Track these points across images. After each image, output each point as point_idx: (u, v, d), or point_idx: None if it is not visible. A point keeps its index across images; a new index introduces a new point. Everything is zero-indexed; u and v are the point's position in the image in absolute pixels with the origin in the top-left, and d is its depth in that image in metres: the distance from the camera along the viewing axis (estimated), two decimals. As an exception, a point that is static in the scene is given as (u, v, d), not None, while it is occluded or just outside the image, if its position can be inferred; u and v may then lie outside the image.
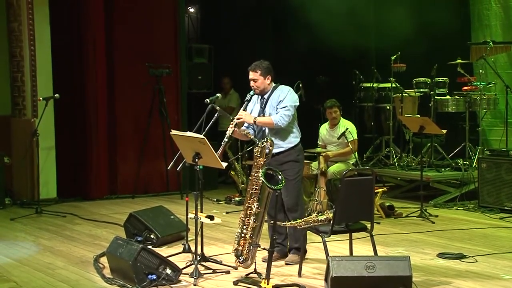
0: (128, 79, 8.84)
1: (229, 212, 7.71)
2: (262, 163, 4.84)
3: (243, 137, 5.33)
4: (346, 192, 4.74)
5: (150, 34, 8.98)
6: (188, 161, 5.16)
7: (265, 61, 5.33)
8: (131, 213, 6.17)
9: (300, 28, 9.53)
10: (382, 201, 7.54)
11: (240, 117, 5.21)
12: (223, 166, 4.95)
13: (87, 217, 7.45)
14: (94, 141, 8.67)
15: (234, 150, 8.84)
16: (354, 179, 5.03)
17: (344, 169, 6.94)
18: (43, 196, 8.17)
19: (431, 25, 8.66)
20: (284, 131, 5.28)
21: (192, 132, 5.16)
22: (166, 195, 8.95)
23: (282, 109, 5.24)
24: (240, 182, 8.51)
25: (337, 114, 7.55)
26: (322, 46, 9.22)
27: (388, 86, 8.84)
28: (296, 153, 5.32)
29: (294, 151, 5.32)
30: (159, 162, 8.91)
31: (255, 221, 4.77)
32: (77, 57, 8.68)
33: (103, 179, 8.76)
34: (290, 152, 5.28)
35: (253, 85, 5.32)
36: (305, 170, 7.24)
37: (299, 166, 5.35)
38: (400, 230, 6.70)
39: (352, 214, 4.82)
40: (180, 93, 9.30)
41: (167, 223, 6.20)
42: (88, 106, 8.68)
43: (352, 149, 7.37)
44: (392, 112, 8.76)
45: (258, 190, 4.79)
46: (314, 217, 4.80)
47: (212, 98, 5.43)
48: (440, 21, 8.61)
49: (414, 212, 7.36)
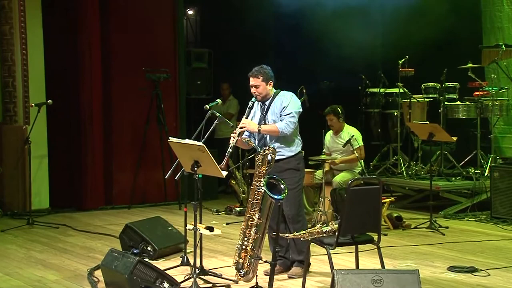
0: (125, 84, 8.86)
1: (230, 223, 7.70)
2: (264, 172, 4.84)
3: (244, 145, 5.34)
4: (352, 202, 4.73)
5: (148, 37, 9.01)
6: (186, 169, 5.16)
7: (266, 67, 5.34)
8: (127, 224, 6.16)
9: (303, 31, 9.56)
10: (390, 211, 7.53)
11: (243, 126, 5.21)
12: (223, 175, 4.95)
13: (81, 229, 7.44)
14: (89, 148, 8.68)
15: (235, 158, 8.84)
16: (360, 189, 5.02)
17: (349, 178, 6.93)
18: (35, 207, 8.17)
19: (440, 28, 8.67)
20: (286, 139, 5.29)
21: (191, 139, 5.16)
22: (164, 206, 8.94)
23: (287, 116, 5.25)
24: (241, 192, 8.50)
25: (333, 121, 7.55)
26: (326, 50, 9.23)
27: (395, 91, 8.84)
28: (296, 161, 5.33)
29: (295, 159, 5.32)
30: (156, 171, 8.92)
31: (257, 233, 4.77)
32: (71, 61, 8.70)
33: (98, 189, 8.76)
34: (290, 160, 5.29)
35: (254, 92, 5.32)
36: (309, 179, 7.28)
37: (300, 175, 5.35)
38: (409, 242, 6.69)
39: (358, 225, 4.81)
40: (178, 99, 9.32)
41: (165, 234, 6.19)
42: (83, 112, 8.69)
43: (358, 156, 7.37)
44: (400, 118, 8.76)
45: (260, 200, 4.78)
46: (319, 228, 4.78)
47: (212, 104, 5.43)
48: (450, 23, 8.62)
49: (423, 223, 7.34)
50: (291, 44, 9.98)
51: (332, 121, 7.58)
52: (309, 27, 9.32)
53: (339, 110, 7.55)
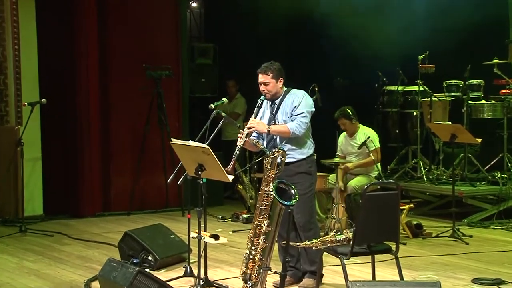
0: (124, 82, 8.89)
1: (236, 231, 7.72)
2: (273, 176, 4.85)
3: (252, 147, 5.34)
4: (367, 209, 4.73)
5: (148, 32, 9.04)
6: (190, 173, 5.17)
7: (275, 62, 5.35)
8: (127, 232, 6.18)
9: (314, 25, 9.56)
10: (409, 219, 7.52)
11: (251, 126, 5.22)
12: (230, 179, 4.96)
13: (77, 237, 7.47)
14: (86, 151, 8.71)
15: (242, 161, 8.85)
16: (377, 194, 5.02)
17: (365, 183, 6.93)
18: (28, 213, 8.21)
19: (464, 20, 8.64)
20: (297, 140, 5.29)
21: (195, 141, 5.17)
22: (165, 212, 8.97)
23: (298, 116, 5.26)
24: (248, 197, 8.51)
25: (346, 125, 7.56)
26: (340, 45, 9.23)
27: (415, 90, 8.82)
28: (308, 164, 5.34)
29: (306, 162, 5.33)
30: (157, 175, 8.94)
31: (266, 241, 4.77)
32: (67, 57, 8.74)
33: (95, 194, 8.79)
34: (301, 163, 5.30)
35: (263, 90, 5.33)
36: (321, 184, 7.28)
37: (312, 179, 5.36)
38: (430, 252, 6.68)
39: (374, 234, 4.81)
40: (181, 98, 9.34)
41: (167, 243, 6.21)
42: (79, 112, 8.73)
43: (375, 159, 7.36)
44: (420, 118, 8.75)
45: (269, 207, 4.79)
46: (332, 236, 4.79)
47: (217, 103, 5.45)
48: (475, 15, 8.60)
49: (445, 232, 7.33)
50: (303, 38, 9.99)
51: (345, 125, 7.58)
52: (321, 21, 9.32)
53: (350, 112, 7.52)
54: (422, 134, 8.83)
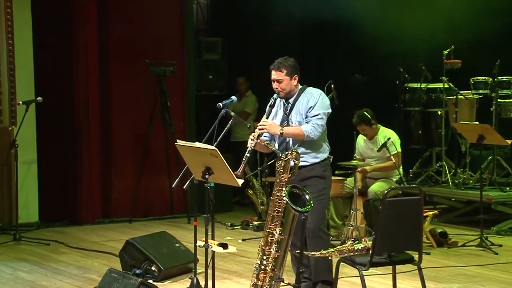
0: (125, 79, 8.92)
1: (246, 239, 7.73)
2: (286, 180, 4.85)
3: (263, 149, 5.35)
4: (388, 216, 4.72)
5: (151, 25, 9.07)
6: (196, 177, 5.18)
7: (290, 58, 5.35)
8: (128, 240, 6.20)
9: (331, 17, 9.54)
10: (433, 226, 7.50)
11: (263, 127, 5.23)
12: (239, 184, 4.97)
13: (75, 245, 7.50)
14: (84, 153, 8.74)
15: (252, 164, 8.86)
16: (398, 200, 5.01)
17: (386, 188, 6.92)
18: (23, 220, 8.24)
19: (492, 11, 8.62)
20: (311, 143, 5.29)
21: (202, 142, 5.19)
22: (170, 219, 8.99)
23: (314, 118, 5.26)
24: (259, 203, 8.52)
25: (366, 131, 7.56)
26: (359, 38, 9.22)
27: (439, 87, 8.81)
28: (322, 168, 5.34)
29: (320, 166, 5.33)
30: (161, 179, 8.96)
31: (278, 251, 4.78)
32: (65, 52, 8.77)
33: (94, 200, 8.82)
34: (314, 166, 5.29)
35: (276, 87, 5.33)
36: (338, 188, 7.28)
37: (325, 184, 5.34)
38: (455, 263, 6.67)
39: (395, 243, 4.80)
40: (187, 96, 9.36)
41: (172, 252, 6.22)
42: (78, 112, 8.76)
43: (396, 163, 7.36)
44: (445, 118, 8.73)
45: (281, 213, 4.79)
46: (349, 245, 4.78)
47: (226, 102, 5.46)
48: (504, 5, 8.57)
49: (473, 241, 7.31)
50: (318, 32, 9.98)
51: (364, 131, 7.59)
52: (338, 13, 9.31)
53: (369, 116, 7.51)
54: (447, 135, 8.81)
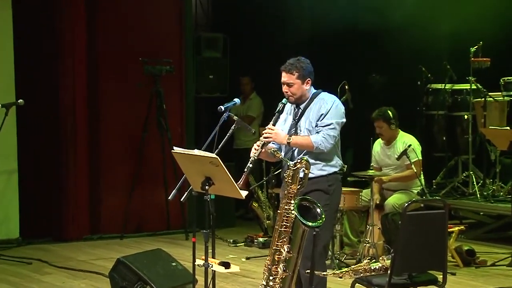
0: (117, 80, 8.94)
1: (250, 257, 7.74)
2: (295, 192, 4.85)
3: (269, 157, 5.35)
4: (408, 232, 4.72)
5: (146, 20, 9.08)
6: (195, 188, 5.19)
7: (303, 59, 5.29)
8: (119, 258, 6.20)
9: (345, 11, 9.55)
10: (459, 244, 7.49)
11: (269, 136, 5.22)
12: (243, 196, 4.97)
13: (61, 265, 7.50)
14: (71, 162, 8.75)
15: (257, 174, 8.86)
16: (420, 214, 5.01)
17: (406, 201, 6.92)
18: (2, 236, 8.27)
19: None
20: (320, 154, 5.22)
21: (201, 150, 5.20)
22: (166, 235, 8.99)
23: (325, 128, 5.22)
24: (265, 217, 8.52)
25: (383, 129, 7.53)
26: (375, 34, 9.22)
27: (466, 88, 8.82)
28: (328, 182, 5.26)
29: (326, 179, 5.26)
30: (157, 190, 8.98)
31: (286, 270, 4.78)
32: (49, 51, 8.79)
33: (81, 214, 8.82)
34: (320, 180, 5.21)
35: (286, 91, 5.28)
36: (353, 201, 7.28)
37: (328, 200, 5.24)
38: (484, 284, 6.66)
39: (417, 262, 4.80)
40: (184, 98, 9.38)
41: (168, 272, 6.23)
42: (63, 116, 8.77)
43: (416, 172, 7.35)
44: (472, 123, 8.73)
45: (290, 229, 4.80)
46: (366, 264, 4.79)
47: (228, 105, 5.46)
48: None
49: (503, 260, 7.30)
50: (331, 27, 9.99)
51: (381, 129, 7.56)
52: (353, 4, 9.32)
53: (391, 115, 7.50)
54: (474, 141, 8.80)
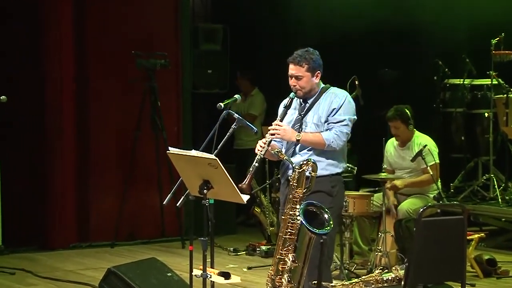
0: (107, 75, 8.94)
1: (252, 267, 7.74)
2: (301, 196, 4.86)
3: (272, 157, 5.35)
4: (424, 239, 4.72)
5: (139, 10, 9.08)
6: (192, 192, 5.19)
7: (312, 51, 5.31)
8: (110, 268, 6.20)
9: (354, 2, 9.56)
10: (479, 252, 7.49)
11: (276, 132, 5.22)
12: (244, 200, 4.97)
13: (46, 275, 7.49)
14: (57, 165, 8.75)
15: (259, 176, 8.85)
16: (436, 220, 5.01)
17: (420, 205, 6.92)
18: (-17, 245, 8.28)
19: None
20: (324, 151, 5.25)
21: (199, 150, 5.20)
22: (160, 243, 9.00)
23: (338, 124, 5.24)
24: (268, 224, 8.52)
25: (400, 130, 7.50)
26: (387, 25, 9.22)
27: (486, 84, 8.82)
28: (331, 183, 5.29)
29: (329, 180, 5.28)
30: (151, 194, 8.98)
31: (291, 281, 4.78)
32: (32, 43, 8.78)
33: (69, 221, 8.82)
34: (322, 180, 5.20)
35: (294, 85, 5.30)
36: (363, 207, 7.27)
37: (331, 202, 5.25)
38: (506, 296, 6.67)
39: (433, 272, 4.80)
40: (181, 95, 9.38)
41: (163, 283, 6.23)
42: (49, 114, 8.77)
43: (433, 176, 7.34)
44: (493, 121, 8.73)
45: (295, 236, 4.80)
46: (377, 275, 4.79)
47: (227, 102, 5.47)
48: None
49: (527, 270, 7.31)
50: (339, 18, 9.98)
51: (398, 130, 7.52)
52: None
53: (408, 114, 7.45)
54: (495, 141, 8.80)
